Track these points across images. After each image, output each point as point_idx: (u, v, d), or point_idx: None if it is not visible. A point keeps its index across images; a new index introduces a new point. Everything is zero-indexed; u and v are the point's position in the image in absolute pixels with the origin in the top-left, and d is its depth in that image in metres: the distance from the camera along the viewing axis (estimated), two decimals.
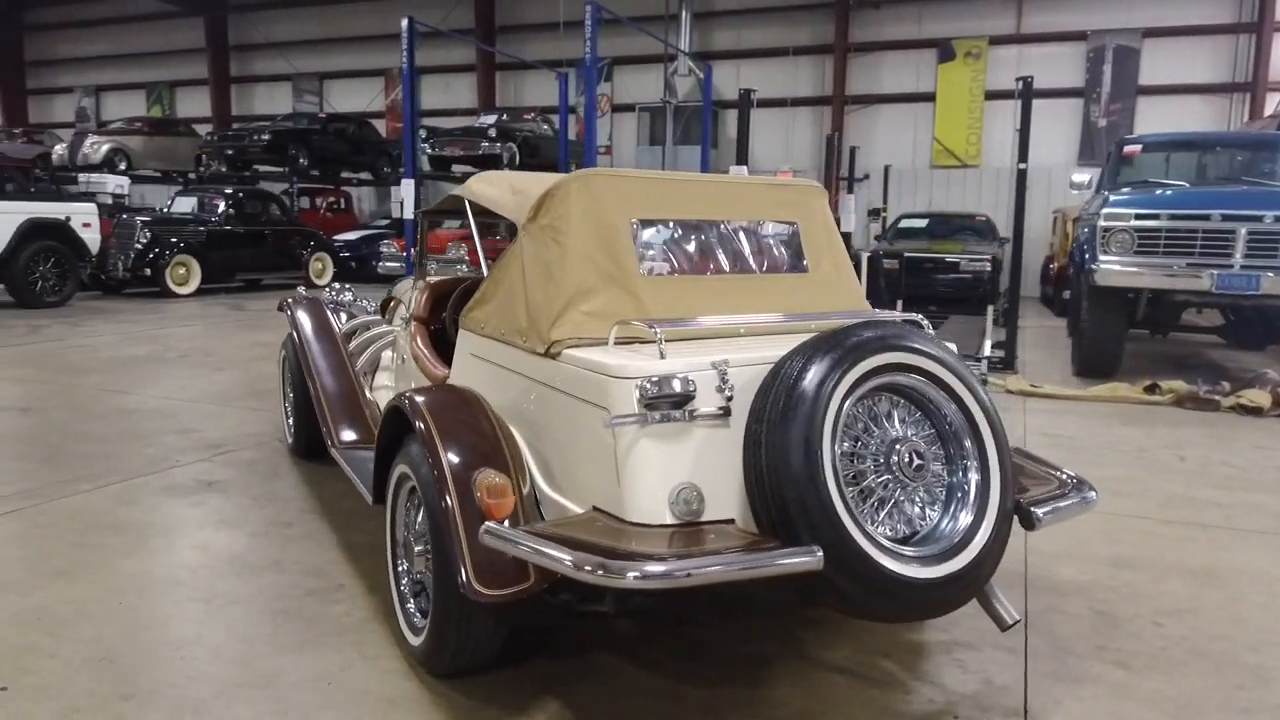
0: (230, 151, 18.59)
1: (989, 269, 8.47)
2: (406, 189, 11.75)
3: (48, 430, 5.40)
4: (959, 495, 2.20)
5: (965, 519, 2.17)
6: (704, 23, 19.38)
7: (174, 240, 13.91)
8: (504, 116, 18.28)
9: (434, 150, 17.11)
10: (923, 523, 2.18)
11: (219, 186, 16.08)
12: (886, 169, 17.65)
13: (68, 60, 26.53)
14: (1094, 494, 2.54)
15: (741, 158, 9.28)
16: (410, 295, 3.97)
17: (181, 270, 13.99)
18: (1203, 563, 3.63)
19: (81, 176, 16.17)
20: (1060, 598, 3.25)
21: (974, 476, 2.21)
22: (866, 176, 18.50)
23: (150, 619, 2.93)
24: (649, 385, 2.12)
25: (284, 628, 2.89)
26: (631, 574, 1.88)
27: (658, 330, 2.23)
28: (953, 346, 2.66)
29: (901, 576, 2.00)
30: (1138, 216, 7.29)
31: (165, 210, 15.29)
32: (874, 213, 17.89)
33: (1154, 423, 6.21)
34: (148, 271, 13.54)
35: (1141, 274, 7.30)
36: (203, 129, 21.85)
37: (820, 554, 1.91)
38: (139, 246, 13.57)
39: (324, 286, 5.45)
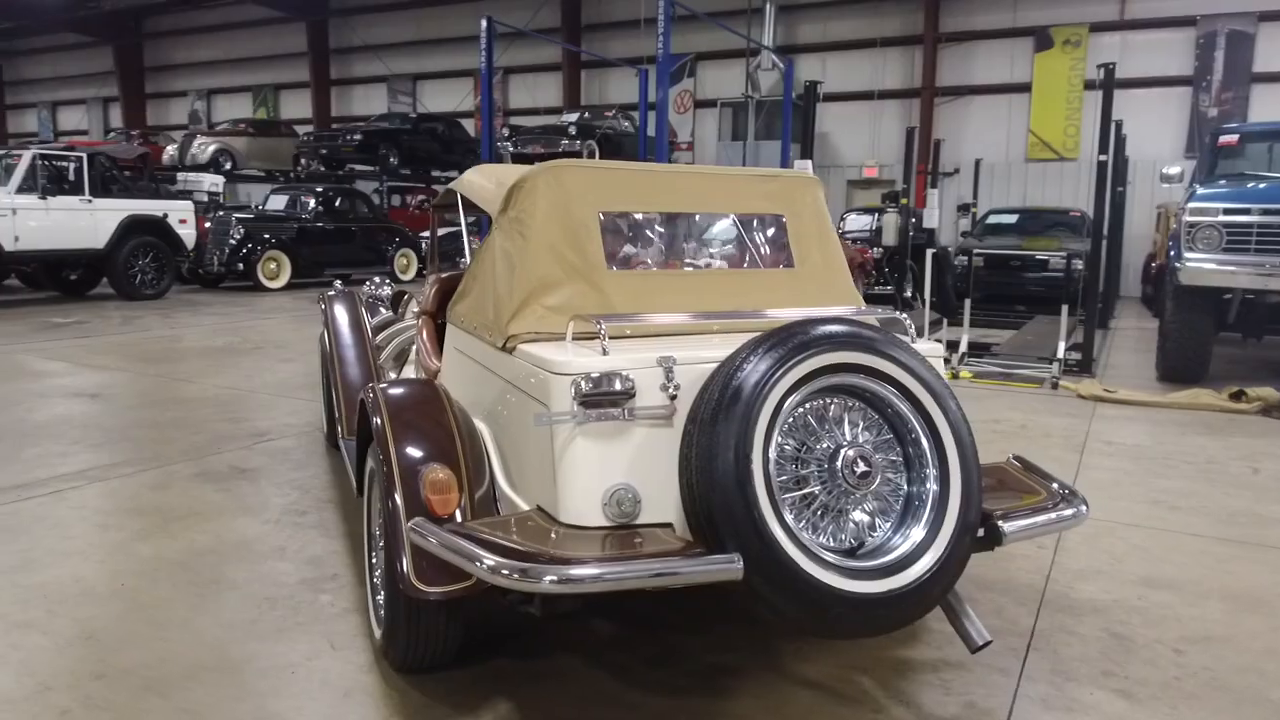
0: (324, 151, 19.26)
1: (1067, 266, 8.03)
2: None
3: (110, 416, 5.67)
4: (914, 507, 2.06)
5: (918, 532, 2.02)
6: (789, 16, 19.05)
7: (266, 236, 14.51)
8: (585, 114, 18.39)
9: (516, 148, 17.34)
10: (872, 534, 2.05)
11: (310, 185, 16.70)
12: (977, 163, 16.97)
13: (182, 65, 27.98)
14: (1084, 509, 2.34)
15: (806, 151, 9.07)
16: (424, 290, 4.00)
17: (272, 265, 14.58)
18: (1250, 586, 3.33)
19: (180, 175, 17.01)
20: (1075, 617, 3.03)
21: (932, 488, 2.06)
22: (956, 171, 17.89)
23: (145, 601, 3.02)
24: (584, 382, 2.05)
25: (268, 615, 2.94)
26: (547, 578, 1.82)
27: (601, 325, 2.16)
28: (937, 347, 2.51)
29: (836, 590, 1.87)
30: (1226, 211, 6.79)
31: (259, 208, 15.95)
32: (963, 208, 17.27)
33: (1234, 433, 5.77)
34: (240, 266, 14.16)
35: (1231, 273, 6.80)
36: (305, 130, 22.69)
37: (740, 563, 1.81)
38: (233, 242, 14.20)
39: (367, 281, 5.56)
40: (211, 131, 22.49)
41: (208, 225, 14.25)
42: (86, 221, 11.75)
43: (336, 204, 15.71)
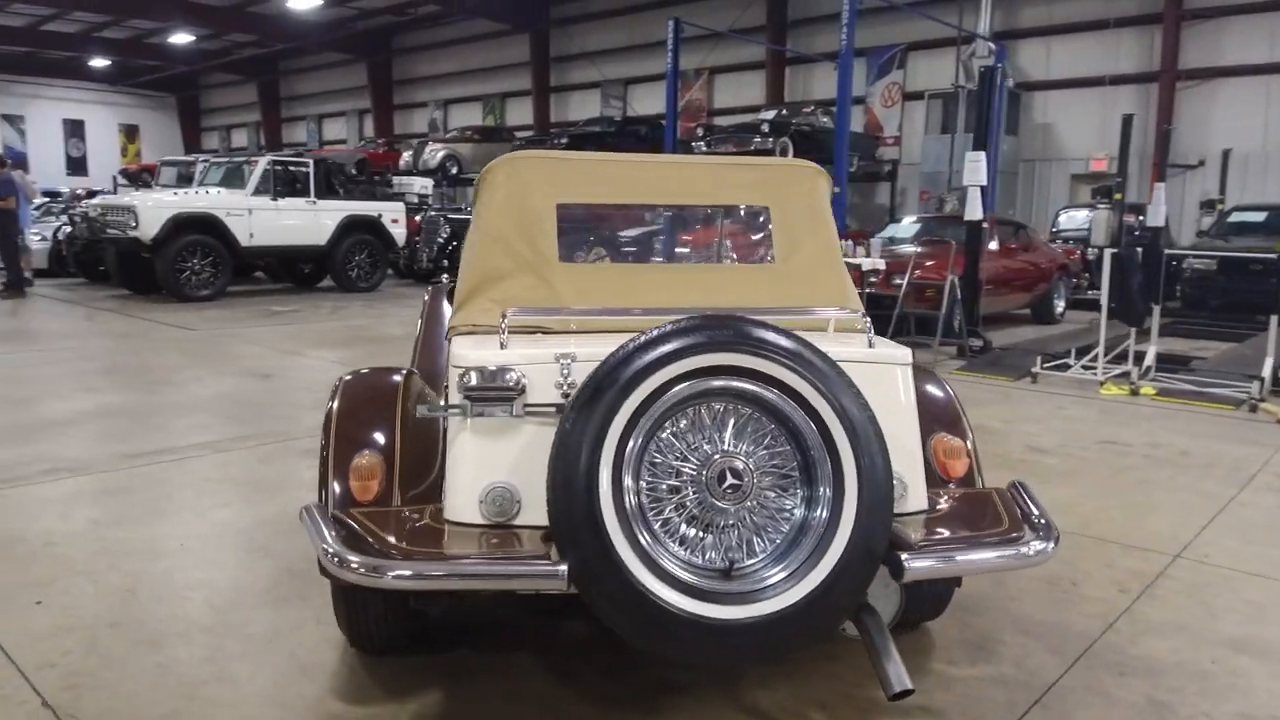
0: None
1: (1277, 269, 6.86)
2: None
3: (266, 395, 6.28)
4: (798, 529, 1.84)
5: (796, 558, 1.80)
6: (1008, 0, 17.71)
7: None
8: (782, 111, 18.08)
9: (709, 148, 17.36)
10: (752, 555, 1.85)
11: None
12: (1226, 154, 15.02)
13: (424, 78, 30.41)
14: (1049, 547, 1.97)
15: (979, 143, 8.39)
16: None
17: None
18: None
19: (394, 179, 18.48)
20: (1116, 676, 2.60)
21: (821, 511, 1.83)
22: (1201, 163, 15.91)
23: (191, 563, 3.32)
24: (473, 375, 2.02)
25: (282, 585, 3.14)
26: (391, 573, 1.82)
27: (505, 317, 2.11)
28: (903, 353, 2.24)
29: (680, 612, 1.71)
30: None
31: (468, 208, 17.08)
32: (1209, 204, 15.33)
33: None
34: (446, 262, 15.20)
35: None
36: (525, 135, 23.97)
37: (564, 573, 1.70)
38: (440, 240, 15.30)
39: None
40: (441, 138, 24.32)
41: (420, 224, 15.43)
42: (311, 221, 13.06)
43: None
